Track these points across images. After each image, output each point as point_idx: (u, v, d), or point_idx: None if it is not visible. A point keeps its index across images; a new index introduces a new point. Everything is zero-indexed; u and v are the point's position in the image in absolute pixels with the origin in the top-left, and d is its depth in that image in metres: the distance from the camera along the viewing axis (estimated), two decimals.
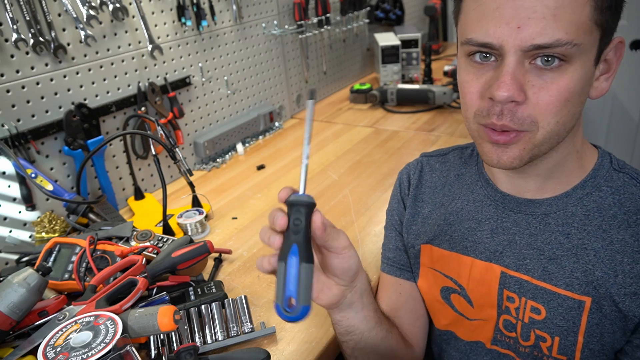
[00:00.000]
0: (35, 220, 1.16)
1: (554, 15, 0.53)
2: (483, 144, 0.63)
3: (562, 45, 0.54)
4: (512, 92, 0.56)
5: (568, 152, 0.67)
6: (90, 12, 1.19)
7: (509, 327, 0.72)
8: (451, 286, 0.78)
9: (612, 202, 0.66)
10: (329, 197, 1.32)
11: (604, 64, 0.62)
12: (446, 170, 0.83)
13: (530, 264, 0.69)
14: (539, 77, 0.57)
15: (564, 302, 0.67)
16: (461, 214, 0.77)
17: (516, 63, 0.56)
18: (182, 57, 1.47)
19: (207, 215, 1.25)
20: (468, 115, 0.64)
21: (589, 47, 0.57)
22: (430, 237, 0.80)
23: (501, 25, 0.55)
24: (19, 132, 1.11)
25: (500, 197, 0.73)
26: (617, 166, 0.69)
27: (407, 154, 1.53)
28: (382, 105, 1.97)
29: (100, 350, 0.68)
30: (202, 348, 0.82)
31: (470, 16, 0.59)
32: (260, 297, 0.97)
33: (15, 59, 1.10)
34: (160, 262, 0.94)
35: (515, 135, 0.60)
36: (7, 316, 0.77)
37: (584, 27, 0.55)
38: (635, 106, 2.40)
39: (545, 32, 0.54)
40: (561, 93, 0.56)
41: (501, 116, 0.58)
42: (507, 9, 0.54)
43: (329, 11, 1.92)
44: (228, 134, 1.64)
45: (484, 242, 0.73)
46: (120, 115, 1.34)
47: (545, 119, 0.58)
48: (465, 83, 0.63)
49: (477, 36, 0.58)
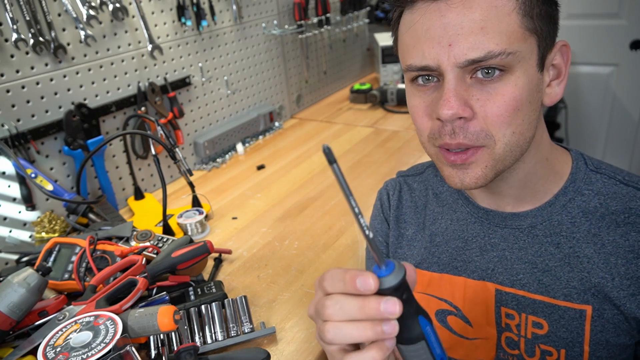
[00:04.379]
0: (35, 220, 1.16)
1: (481, 28, 0.54)
2: (443, 168, 0.63)
3: (496, 56, 0.54)
4: (455, 109, 0.56)
5: (536, 160, 0.65)
6: (90, 12, 1.19)
7: (512, 345, 0.71)
8: (446, 308, 0.75)
9: (597, 204, 0.65)
10: (329, 197, 1.32)
11: (553, 69, 0.62)
12: (424, 189, 0.81)
13: (524, 279, 0.68)
14: (482, 90, 0.56)
15: (564, 313, 0.65)
16: (446, 234, 0.75)
17: (456, 80, 0.56)
18: (182, 57, 1.47)
19: (207, 215, 1.25)
20: (423, 140, 0.63)
21: (527, 54, 0.56)
22: (417, 260, 0.77)
23: (434, 46, 0.56)
24: (19, 132, 1.11)
25: (484, 214, 0.71)
26: (592, 167, 0.68)
27: (407, 154, 1.53)
28: (382, 105, 1.97)
29: (100, 350, 0.68)
30: (202, 348, 0.82)
31: (405, 43, 0.60)
32: (260, 297, 0.97)
33: (15, 59, 1.10)
34: (160, 262, 0.94)
35: (472, 153, 0.59)
36: (7, 316, 0.77)
37: (515, 35, 0.55)
38: (635, 106, 2.40)
39: (475, 46, 0.54)
40: (508, 102, 0.56)
41: (453, 135, 0.58)
42: (437, 29, 0.55)
43: (329, 11, 1.92)
44: (228, 134, 1.64)
45: (474, 260, 0.72)
46: (120, 115, 1.34)
47: (500, 131, 0.57)
48: (413, 108, 0.62)
49: (414, 61, 0.58)
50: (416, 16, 0.57)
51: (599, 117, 2.53)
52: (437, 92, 0.59)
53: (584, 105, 2.54)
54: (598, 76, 2.42)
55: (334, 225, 1.19)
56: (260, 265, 1.07)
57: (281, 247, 1.13)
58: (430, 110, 0.60)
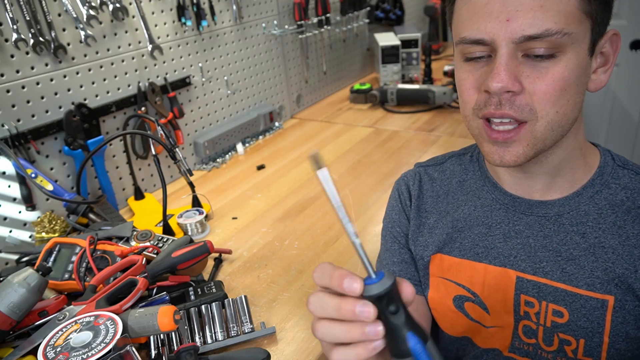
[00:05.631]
0: (35, 220, 1.16)
1: (541, 6, 0.55)
2: (484, 144, 0.64)
3: (552, 34, 0.55)
4: (505, 83, 0.57)
5: (572, 148, 0.67)
6: (90, 12, 1.19)
7: (529, 334, 0.71)
8: (464, 294, 0.76)
9: (624, 198, 0.66)
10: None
11: (601, 57, 0.63)
12: (447, 178, 0.81)
13: (547, 267, 0.68)
14: (532, 67, 0.58)
15: (586, 302, 0.66)
16: (469, 220, 0.75)
17: (509, 55, 0.57)
18: (182, 57, 1.47)
19: (207, 215, 1.25)
20: (467, 113, 0.64)
21: (580, 37, 0.58)
22: (439, 246, 0.78)
23: (491, 20, 0.57)
24: (19, 132, 1.11)
25: (510, 200, 0.72)
26: (620, 163, 0.69)
27: (407, 154, 1.53)
28: (382, 105, 1.97)
29: (101, 350, 0.68)
30: (202, 348, 0.83)
31: (462, 16, 0.61)
32: (260, 297, 0.97)
33: (15, 59, 1.10)
34: (160, 262, 0.94)
35: (515, 131, 0.60)
36: (7, 316, 0.77)
37: (572, 17, 0.56)
38: (635, 106, 2.40)
39: (534, 22, 0.55)
40: (556, 82, 0.58)
41: (499, 106, 0.59)
42: (496, 4, 0.56)
43: (329, 11, 1.92)
44: (228, 134, 1.64)
45: (497, 247, 0.72)
46: (120, 115, 1.34)
47: (544, 109, 0.59)
48: (462, 81, 0.64)
49: (469, 34, 0.59)
50: None
51: (599, 117, 2.53)
52: (488, 67, 0.60)
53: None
54: None
55: (334, 225, 1.19)
56: (260, 265, 1.07)
57: (281, 247, 1.13)
58: (478, 84, 0.61)
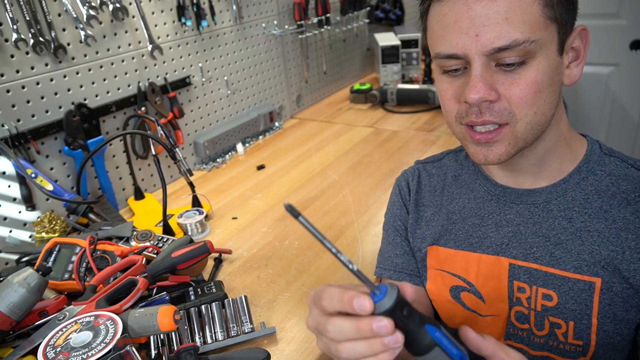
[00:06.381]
0: (35, 220, 1.16)
1: (506, 19, 0.58)
2: (469, 146, 0.68)
3: (520, 44, 0.59)
4: (482, 94, 0.61)
5: (556, 139, 0.70)
6: (90, 12, 1.19)
7: (522, 319, 0.74)
8: (460, 284, 0.79)
9: (609, 183, 0.69)
10: (329, 197, 1.32)
11: (572, 52, 0.66)
12: (443, 173, 0.85)
13: (537, 252, 0.71)
14: (506, 75, 0.61)
15: (574, 285, 0.68)
16: (463, 211, 0.79)
17: (482, 67, 0.61)
18: (182, 57, 1.47)
19: (207, 215, 1.25)
20: (450, 120, 0.68)
21: (548, 41, 0.61)
22: (435, 238, 0.81)
23: (462, 36, 0.60)
24: (19, 132, 1.11)
25: (501, 191, 0.75)
26: (606, 151, 0.72)
27: (407, 154, 1.53)
28: (382, 105, 1.97)
29: (101, 350, 0.68)
30: (202, 348, 0.83)
31: (434, 32, 0.65)
32: (260, 297, 0.97)
33: (15, 59, 1.10)
34: (160, 262, 0.94)
35: (496, 132, 0.64)
36: (7, 316, 0.77)
37: (537, 24, 0.59)
38: (635, 106, 2.40)
39: (501, 35, 0.58)
40: (530, 86, 0.61)
41: (480, 114, 0.63)
42: (464, 21, 0.60)
43: (329, 11, 1.92)
44: (228, 134, 1.64)
45: (490, 236, 0.75)
46: (120, 115, 1.34)
47: (522, 111, 0.62)
48: (442, 92, 0.68)
49: (443, 49, 0.63)
50: (445, 8, 0.62)
51: (599, 117, 2.53)
52: (465, 78, 0.64)
53: (584, 105, 2.54)
54: (598, 76, 2.42)
55: (334, 225, 1.19)
56: (260, 265, 1.07)
57: (281, 247, 1.13)
58: (458, 94, 0.65)
